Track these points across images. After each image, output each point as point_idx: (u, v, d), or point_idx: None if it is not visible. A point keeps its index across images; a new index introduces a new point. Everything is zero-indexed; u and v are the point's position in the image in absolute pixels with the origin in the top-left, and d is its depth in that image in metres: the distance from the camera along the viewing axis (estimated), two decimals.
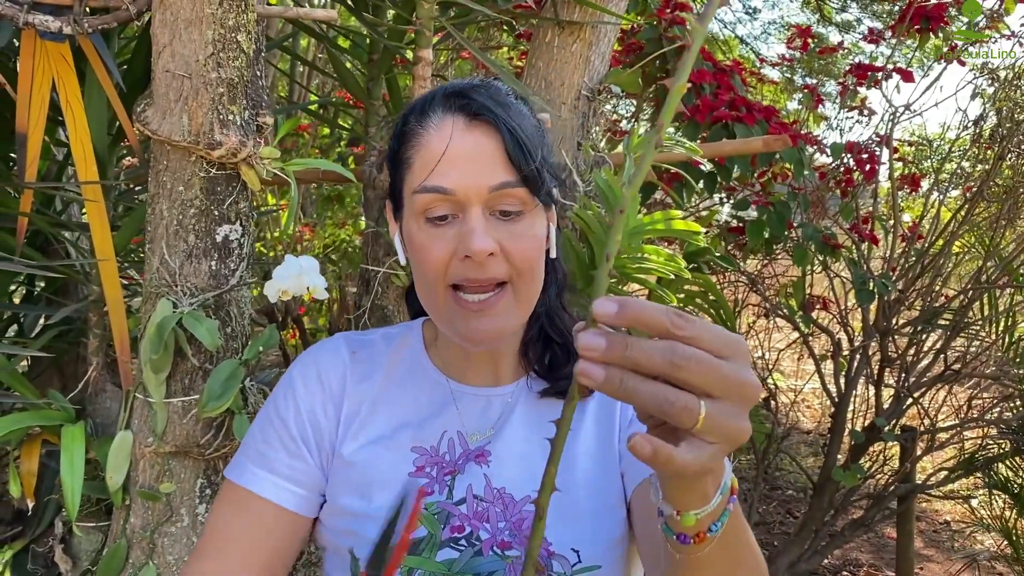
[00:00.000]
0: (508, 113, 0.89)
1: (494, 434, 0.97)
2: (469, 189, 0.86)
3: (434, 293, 0.90)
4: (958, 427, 3.04)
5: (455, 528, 0.91)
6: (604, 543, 0.91)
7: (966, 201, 2.98)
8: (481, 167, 0.87)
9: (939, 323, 2.93)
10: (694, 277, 1.82)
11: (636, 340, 0.53)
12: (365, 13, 1.92)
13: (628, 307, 0.53)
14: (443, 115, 0.90)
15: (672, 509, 0.65)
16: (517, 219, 0.89)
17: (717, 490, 0.65)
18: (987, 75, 3.05)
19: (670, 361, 0.53)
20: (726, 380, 0.54)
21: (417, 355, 1.03)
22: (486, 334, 0.89)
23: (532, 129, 0.91)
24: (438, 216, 0.88)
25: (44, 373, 1.87)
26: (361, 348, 1.03)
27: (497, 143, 0.88)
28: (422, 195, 0.88)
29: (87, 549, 1.53)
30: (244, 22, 1.34)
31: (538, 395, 1.00)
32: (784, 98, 5.85)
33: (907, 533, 3.20)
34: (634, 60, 2.57)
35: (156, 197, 1.39)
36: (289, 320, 4.06)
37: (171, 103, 1.32)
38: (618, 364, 0.53)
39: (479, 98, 0.89)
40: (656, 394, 0.53)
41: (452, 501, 0.92)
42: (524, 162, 0.87)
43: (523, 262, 0.88)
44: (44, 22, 1.30)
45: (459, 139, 0.88)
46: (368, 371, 1.01)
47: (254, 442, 0.99)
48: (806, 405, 5.90)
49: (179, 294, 1.38)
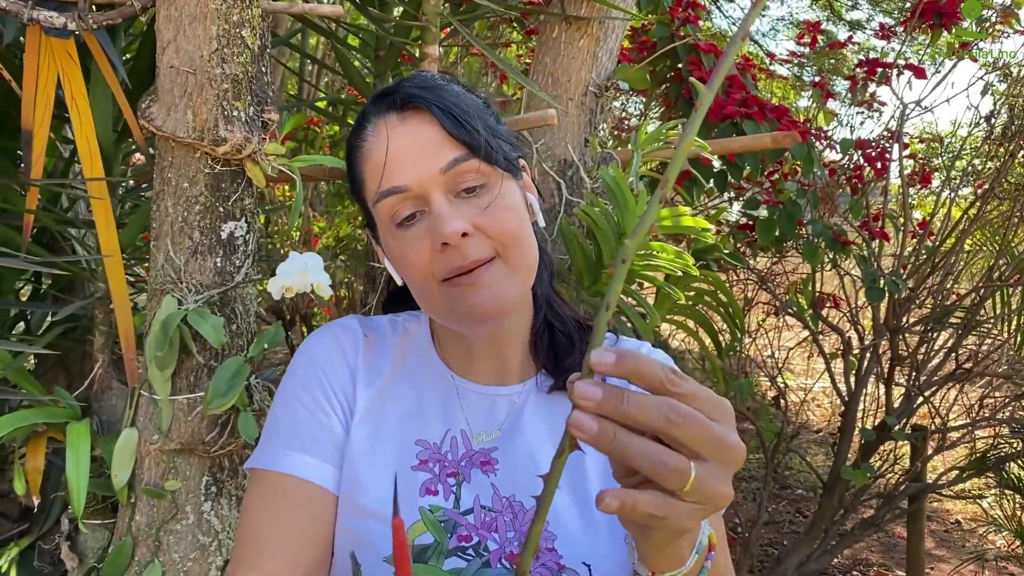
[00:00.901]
0: (437, 94, 0.87)
1: (501, 437, 0.94)
2: (422, 179, 0.85)
3: (428, 293, 0.88)
4: (969, 426, 3.02)
5: (462, 537, 0.88)
6: (616, 558, 0.89)
7: (977, 198, 2.96)
8: (425, 153, 0.85)
9: (950, 321, 2.91)
10: (702, 275, 1.81)
11: (632, 393, 0.53)
12: (371, 9, 1.91)
13: (626, 359, 0.53)
14: (376, 120, 0.89)
15: (647, 572, 0.65)
16: (483, 192, 0.87)
17: (692, 550, 0.65)
18: (998, 71, 3.02)
19: (666, 417, 0.52)
20: (717, 442, 0.54)
21: (424, 347, 1.01)
22: (487, 307, 0.85)
23: (469, 102, 0.90)
24: (405, 217, 0.86)
25: (51, 370, 1.87)
26: (372, 332, 1.01)
27: (433, 125, 0.86)
28: (381, 202, 0.87)
29: (93, 546, 1.53)
30: (248, 17, 1.33)
31: (546, 392, 0.97)
32: (794, 95, 5.82)
33: (918, 533, 3.17)
34: (643, 57, 2.56)
35: (161, 194, 1.38)
36: (297, 317, 4.07)
37: (176, 99, 1.32)
38: (612, 417, 0.52)
39: (404, 90, 0.88)
40: (649, 453, 0.53)
41: (459, 511, 0.90)
42: (466, 134, 0.85)
43: (502, 235, 0.85)
44: (49, 18, 1.30)
45: (395, 135, 0.87)
46: (378, 358, 0.99)
47: (281, 424, 0.92)
48: (816, 404, 5.87)
49: (184, 291, 1.38)
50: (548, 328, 0.99)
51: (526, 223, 0.90)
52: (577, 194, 1.78)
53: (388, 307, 1.10)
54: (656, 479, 0.53)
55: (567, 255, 1.67)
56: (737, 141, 2.08)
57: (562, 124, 1.79)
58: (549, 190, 1.78)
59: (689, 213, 1.62)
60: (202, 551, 1.42)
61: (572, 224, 1.69)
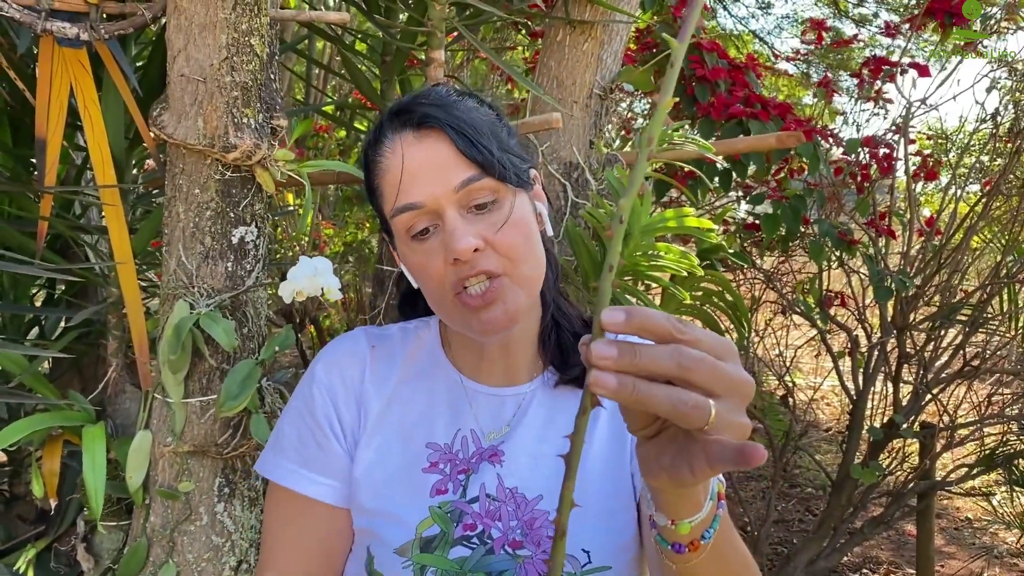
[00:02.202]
0: (451, 113, 0.92)
1: (509, 431, 0.99)
2: (436, 196, 0.89)
3: (443, 304, 0.93)
4: (978, 423, 3.02)
5: (467, 526, 0.92)
6: (615, 544, 0.92)
7: (983, 195, 2.96)
8: (440, 172, 0.89)
9: (958, 319, 2.91)
10: (708, 274, 1.82)
11: (644, 346, 0.55)
12: (377, 16, 1.93)
13: (634, 315, 0.55)
14: (392, 136, 0.94)
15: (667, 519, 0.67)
16: (495, 208, 0.91)
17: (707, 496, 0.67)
18: (1004, 67, 3.02)
19: (678, 363, 0.54)
20: (728, 378, 0.56)
21: (434, 352, 1.06)
22: (498, 320, 0.90)
23: (482, 121, 0.94)
24: (420, 231, 0.91)
25: (66, 374, 1.90)
26: (380, 342, 1.06)
27: (448, 144, 0.90)
28: (398, 217, 0.91)
29: (109, 548, 1.56)
30: (257, 26, 1.35)
31: (552, 387, 1.01)
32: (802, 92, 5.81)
33: (927, 530, 3.17)
34: (647, 58, 2.57)
35: (172, 200, 1.41)
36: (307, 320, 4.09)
37: (186, 107, 1.34)
38: (629, 371, 0.55)
39: (420, 108, 0.92)
40: (670, 395, 0.54)
41: (465, 500, 0.94)
42: (478, 154, 0.89)
43: (511, 251, 0.90)
44: (62, 29, 1.32)
45: (411, 153, 0.91)
46: (386, 366, 1.04)
47: (286, 438, 1.02)
48: (826, 402, 5.87)
49: (196, 295, 1.40)
50: (555, 327, 1.03)
51: (535, 235, 0.95)
52: (583, 196, 1.79)
53: (403, 307, 1.15)
54: (679, 420, 0.55)
55: (573, 256, 1.69)
56: (741, 141, 2.09)
57: (567, 127, 1.81)
58: (555, 192, 1.79)
59: (694, 214, 1.64)
60: (216, 551, 1.44)
61: (578, 226, 1.71)
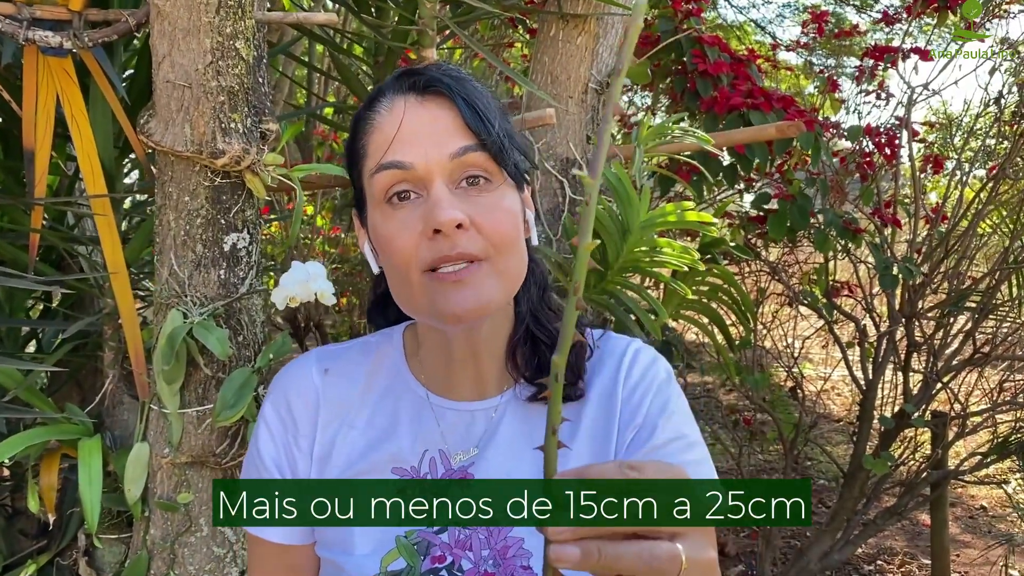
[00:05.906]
0: (463, 85, 0.86)
1: (478, 453, 0.92)
2: (429, 161, 0.82)
3: (408, 282, 0.84)
4: (990, 411, 2.99)
5: (436, 559, 0.86)
6: None
7: (989, 180, 2.92)
8: (438, 137, 0.83)
9: (966, 306, 2.87)
10: (711, 268, 1.80)
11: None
12: (367, 16, 1.91)
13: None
14: (393, 96, 0.87)
15: None
16: (485, 187, 0.84)
17: None
18: (1007, 49, 2.99)
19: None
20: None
21: (398, 367, 0.98)
22: (467, 307, 0.81)
23: (491, 102, 0.88)
24: (398, 193, 0.84)
25: (64, 387, 1.89)
26: (335, 363, 0.98)
27: (453, 113, 0.84)
28: (380, 174, 0.84)
29: (110, 561, 1.54)
30: (242, 29, 1.33)
31: (526, 400, 0.94)
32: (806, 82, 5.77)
33: (941, 520, 3.14)
34: (646, 51, 2.55)
35: (163, 208, 1.39)
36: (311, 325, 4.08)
37: (173, 113, 1.32)
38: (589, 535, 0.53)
39: (430, 72, 0.86)
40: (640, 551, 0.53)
41: (432, 530, 0.87)
42: (483, 129, 0.83)
43: (496, 235, 0.83)
44: (44, 38, 1.31)
45: (412, 114, 0.84)
46: (345, 388, 0.96)
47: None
48: (836, 393, 5.83)
49: (189, 304, 1.38)
50: (532, 340, 0.95)
51: (520, 232, 0.88)
52: (580, 192, 1.77)
53: (371, 315, 1.06)
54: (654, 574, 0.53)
55: (571, 254, 1.66)
56: (742, 132, 2.06)
57: (563, 123, 1.78)
58: (552, 189, 1.77)
59: (696, 208, 1.61)
60: (217, 563, 1.43)
61: (576, 224, 1.69)
